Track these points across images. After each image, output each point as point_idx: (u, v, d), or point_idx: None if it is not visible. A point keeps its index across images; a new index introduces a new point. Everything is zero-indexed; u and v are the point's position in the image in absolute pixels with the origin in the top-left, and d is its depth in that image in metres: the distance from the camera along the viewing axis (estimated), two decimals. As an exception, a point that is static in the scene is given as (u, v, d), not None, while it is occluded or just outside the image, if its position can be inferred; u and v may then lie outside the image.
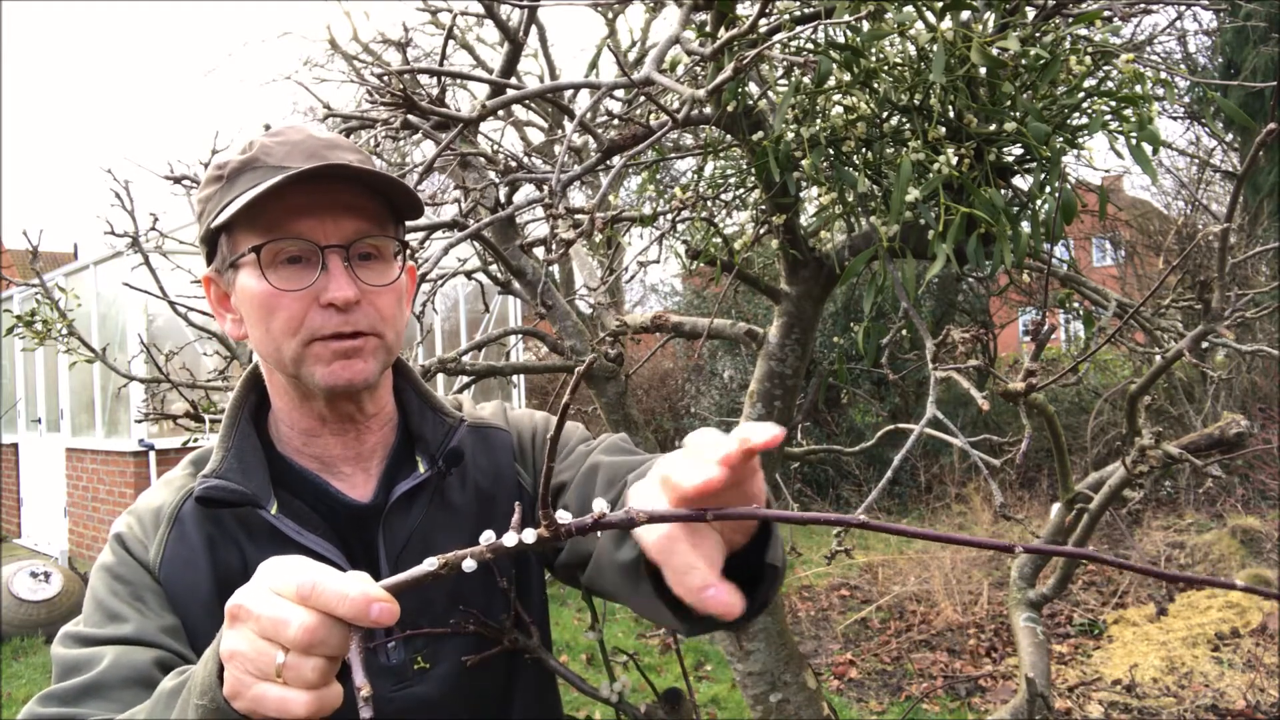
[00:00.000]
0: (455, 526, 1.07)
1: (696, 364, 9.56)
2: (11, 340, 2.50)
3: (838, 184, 1.59)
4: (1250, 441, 1.68)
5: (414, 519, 1.04)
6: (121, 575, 0.95)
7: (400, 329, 1.02)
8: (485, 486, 1.11)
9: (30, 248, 2.46)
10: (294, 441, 1.03)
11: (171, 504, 1.00)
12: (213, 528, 0.98)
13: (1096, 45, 1.50)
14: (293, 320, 0.94)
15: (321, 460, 1.03)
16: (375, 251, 0.98)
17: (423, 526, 1.04)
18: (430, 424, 1.09)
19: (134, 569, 0.96)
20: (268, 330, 0.95)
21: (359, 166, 0.93)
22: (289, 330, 0.94)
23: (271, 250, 0.93)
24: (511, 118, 8.56)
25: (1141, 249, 9.06)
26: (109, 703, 0.85)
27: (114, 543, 0.98)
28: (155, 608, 0.94)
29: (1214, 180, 9.54)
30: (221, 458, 0.98)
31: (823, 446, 2.81)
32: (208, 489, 0.95)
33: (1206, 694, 4.24)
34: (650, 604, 0.78)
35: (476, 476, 1.11)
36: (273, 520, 0.96)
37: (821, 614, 5.88)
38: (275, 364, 0.99)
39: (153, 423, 2.91)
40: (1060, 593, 2.34)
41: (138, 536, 0.98)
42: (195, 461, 1.04)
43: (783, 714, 2.13)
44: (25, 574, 6.34)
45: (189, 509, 0.99)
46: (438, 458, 1.06)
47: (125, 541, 0.98)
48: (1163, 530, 6.54)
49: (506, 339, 3.01)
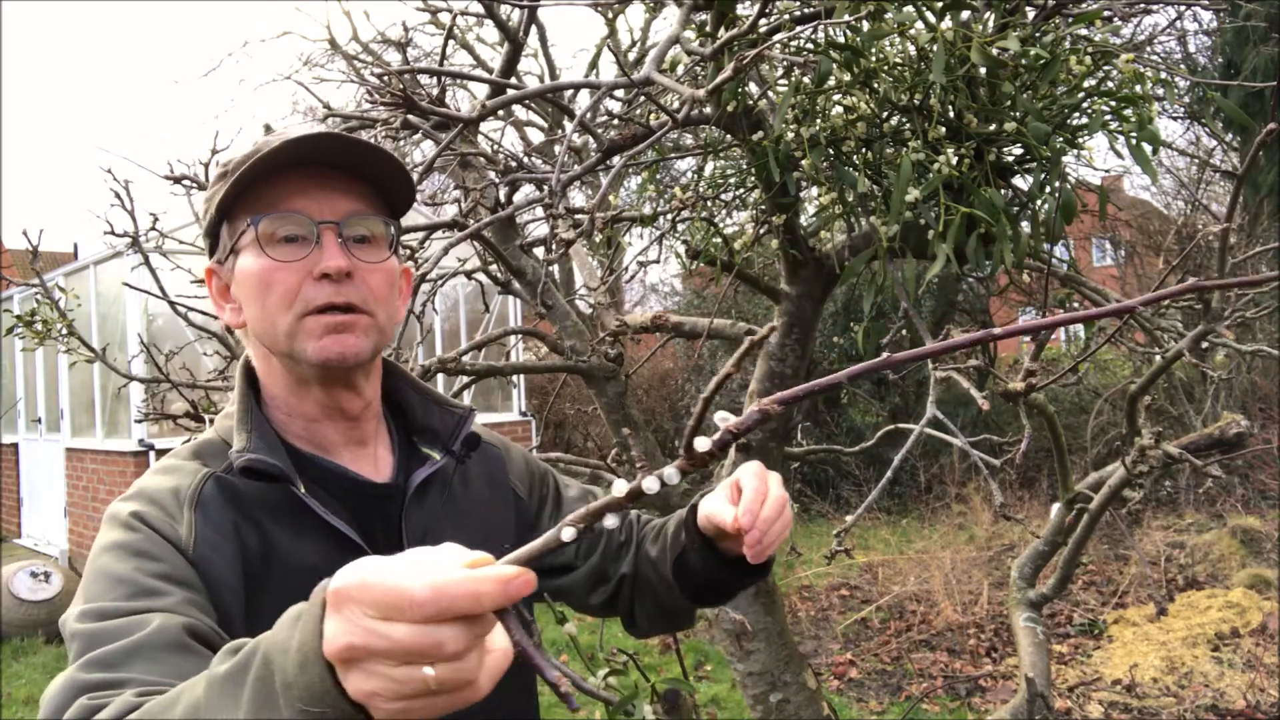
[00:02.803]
0: (467, 515, 1.11)
1: (696, 364, 9.55)
2: (11, 340, 2.51)
3: (838, 184, 1.59)
4: (1250, 441, 1.69)
5: (432, 505, 1.07)
6: (148, 552, 0.90)
7: (393, 314, 1.05)
8: (485, 487, 1.16)
9: (30, 248, 2.46)
10: (294, 428, 1.04)
11: (190, 487, 0.96)
12: (234, 511, 0.95)
13: (1096, 45, 1.50)
14: (288, 293, 0.97)
15: (322, 446, 1.04)
16: (369, 235, 1.01)
17: (441, 513, 1.07)
18: (437, 416, 1.12)
19: (163, 547, 0.90)
20: (264, 306, 0.98)
21: (348, 136, 0.97)
22: (284, 303, 0.97)
23: (269, 228, 0.97)
24: (511, 118, 8.56)
25: (1141, 249, 9.06)
26: (154, 665, 0.79)
27: (132, 521, 0.92)
28: (189, 587, 0.89)
29: (1214, 180, 9.55)
30: (247, 437, 0.97)
31: (823, 446, 2.82)
32: (251, 461, 0.94)
33: (1206, 694, 4.24)
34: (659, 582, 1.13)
35: (477, 477, 1.15)
36: (303, 498, 0.96)
37: (821, 614, 5.88)
38: (270, 344, 1.00)
39: (153, 423, 2.91)
40: (1060, 593, 2.34)
41: (160, 516, 0.93)
42: (199, 453, 1.01)
43: (783, 714, 2.13)
44: (25, 574, 6.34)
45: (210, 493, 0.96)
46: (452, 445, 1.10)
47: (148, 520, 0.92)
48: (1163, 530, 6.54)
49: (506, 339, 3.01)
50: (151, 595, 0.86)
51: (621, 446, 2.14)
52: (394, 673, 0.56)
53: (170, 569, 0.89)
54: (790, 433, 2.51)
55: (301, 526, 0.96)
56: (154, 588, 0.86)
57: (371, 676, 0.56)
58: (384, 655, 0.55)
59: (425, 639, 0.55)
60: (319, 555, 0.96)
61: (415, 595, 0.54)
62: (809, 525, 8.07)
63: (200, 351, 3.27)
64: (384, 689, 0.56)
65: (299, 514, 0.96)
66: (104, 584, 0.87)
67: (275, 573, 0.95)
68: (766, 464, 1.02)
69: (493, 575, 0.56)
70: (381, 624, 0.55)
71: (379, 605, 0.55)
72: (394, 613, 0.55)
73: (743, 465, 1.02)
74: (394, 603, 0.55)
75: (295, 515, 0.96)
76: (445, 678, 0.55)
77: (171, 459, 1.02)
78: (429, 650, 0.55)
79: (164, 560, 0.89)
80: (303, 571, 0.94)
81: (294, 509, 0.96)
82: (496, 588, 0.55)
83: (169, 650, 0.80)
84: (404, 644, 0.55)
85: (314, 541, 0.96)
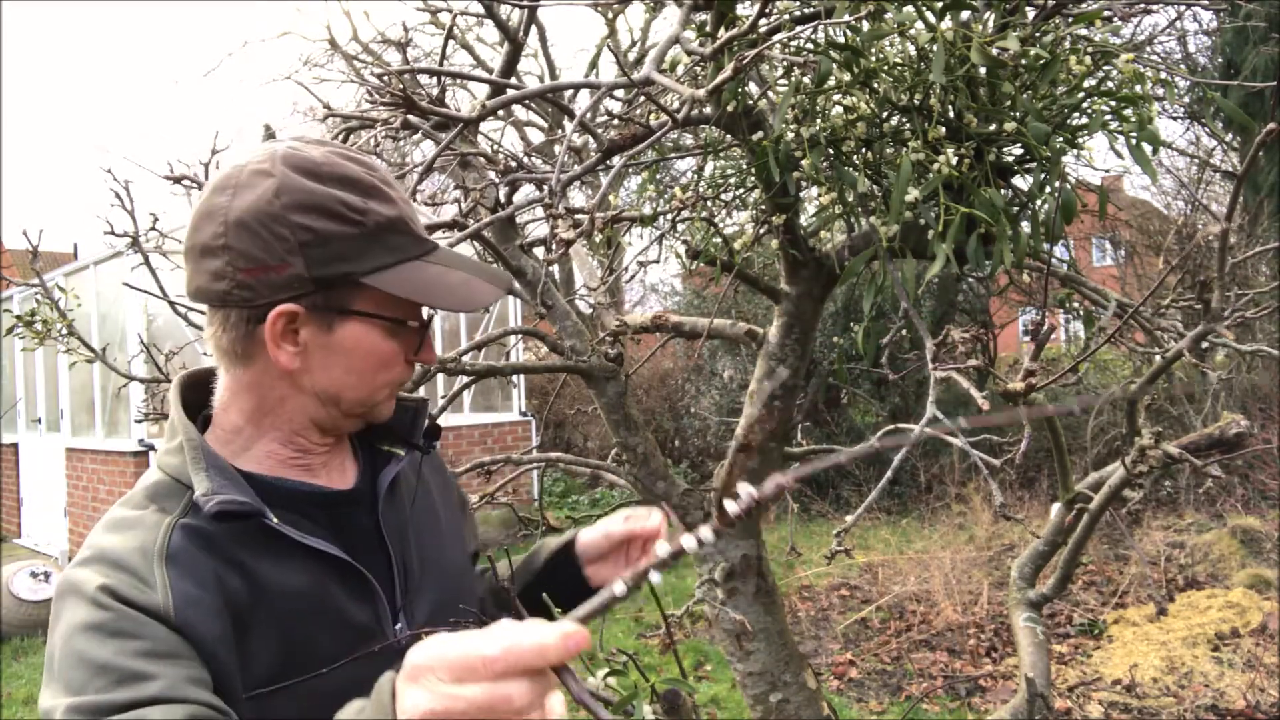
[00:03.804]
0: (435, 507, 1.15)
1: (696, 364, 9.56)
2: (11, 340, 2.51)
3: (838, 184, 1.59)
4: (1250, 441, 1.69)
5: (403, 501, 1.10)
6: (124, 630, 0.83)
7: None
8: (437, 474, 1.22)
9: (30, 248, 2.46)
10: (282, 455, 1.01)
11: (156, 542, 0.90)
12: (211, 558, 0.91)
13: (1096, 45, 1.50)
14: (398, 376, 1.04)
15: (309, 470, 1.04)
16: None
17: (414, 508, 1.11)
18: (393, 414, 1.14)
19: (139, 621, 0.84)
20: (372, 380, 1.02)
21: (490, 289, 1.11)
22: (390, 383, 1.03)
23: (406, 313, 1.02)
24: (511, 118, 8.55)
25: (1141, 249, 9.06)
26: None
27: (99, 595, 0.85)
28: (177, 659, 0.84)
29: (1214, 180, 9.55)
30: (208, 478, 0.93)
31: (823, 447, 2.81)
32: (222, 504, 0.90)
33: (1206, 694, 4.24)
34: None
35: (429, 466, 1.20)
36: (277, 527, 0.94)
37: (821, 614, 5.88)
38: (343, 405, 1.01)
39: (153, 423, 2.91)
40: (1060, 593, 2.34)
41: (130, 583, 0.86)
42: (153, 497, 0.95)
43: (783, 714, 2.13)
44: (25, 574, 6.35)
45: (179, 544, 0.90)
46: (414, 439, 1.13)
47: (117, 593, 0.85)
48: (1163, 530, 6.54)
49: (506, 339, 3.01)
50: (138, 680, 0.81)
51: (622, 446, 2.14)
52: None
53: (153, 645, 0.84)
54: (790, 433, 2.51)
55: (280, 554, 0.95)
56: (140, 671, 0.81)
57: None
58: (460, 716, 0.61)
59: (496, 693, 0.61)
60: (305, 577, 0.95)
61: (487, 654, 0.61)
62: (809, 525, 8.07)
63: (200, 352, 3.27)
64: None
65: (275, 542, 0.94)
66: (84, 672, 0.81)
67: (265, 606, 0.93)
68: (766, 464, 1.02)
69: (557, 631, 0.62)
70: (457, 687, 0.61)
71: (454, 669, 0.62)
72: (468, 674, 0.61)
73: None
74: (469, 665, 0.62)
75: (272, 544, 0.94)
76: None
77: (123, 509, 0.95)
78: (499, 704, 0.61)
79: (144, 637, 0.84)
80: (291, 597, 0.94)
81: (269, 538, 0.94)
82: (560, 642, 0.62)
83: None
84: (478, 701, 0.61)
85: (297, 565, 0.95)
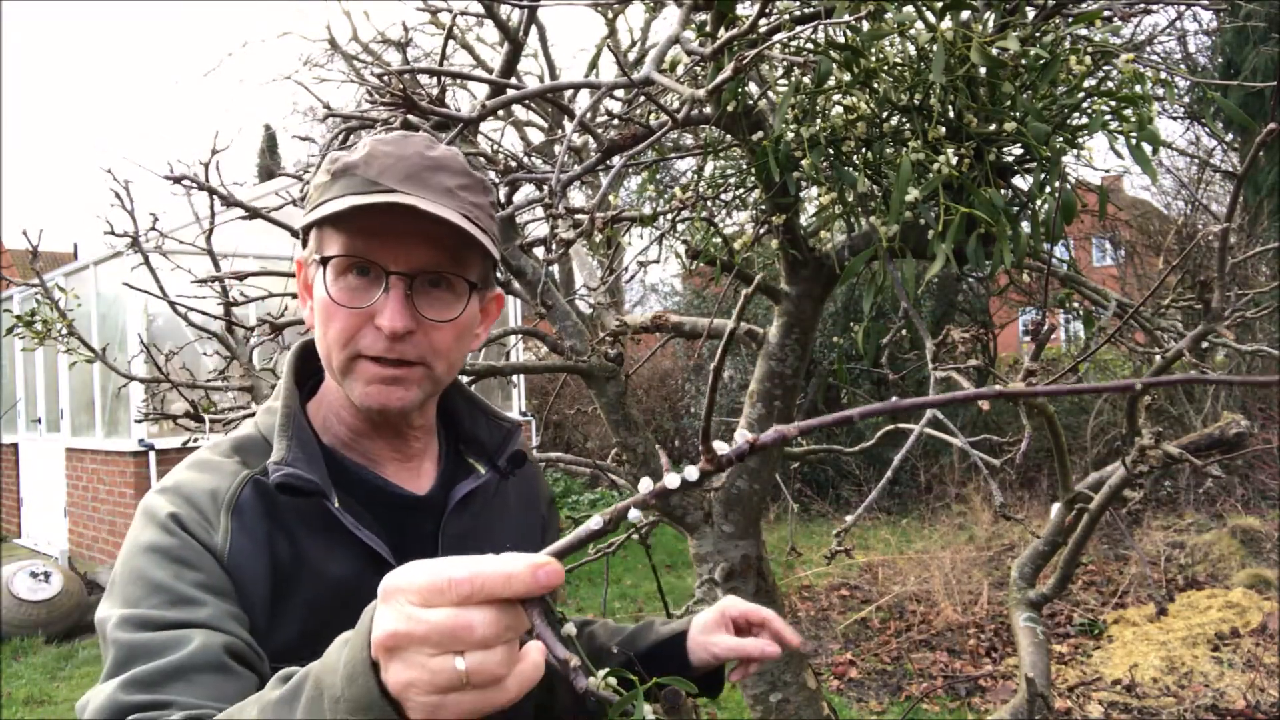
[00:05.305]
0: (502, 533, 1.10)
1: (696, 364, 9.56)
2: (11, 340, 2.51)
3: (838, 184, 1.59)
4: (1250, 441, 1.69)
5: (471, 518, 1.07)
6: (185, 559, 0.89)
7: (455, 361, 1.03)
8: (520, 506, 1.17)
9: (30, 248, 2.47)
10: (343, 435, 1.04)
11: (228, 491, 0.95)
12: (269, 520, 0.95)
13: (1096, 45, 1.50)
14: (345, 333, 0.96)
15: (368, 457, 1.04)
16: (445, 280, 0.98)
17: (479, 527, 1.07)
18: (484, 428, 1.12)
19: (199, 553, 0.90)
20: (324, 336, 0.98)
21: (425, 209, 0.92)
22: (340, 341, 0.97)
23: (342, 261, 0.96)
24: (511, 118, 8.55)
25: (1141, 249, 9.06)
26: (195, 687, 0.81)
27: (168, 522, 0.91)
28: (224, 596, 0.89)
29: (1214, 180, 9.54)
30: (287, 447, 0.96)
31: (823, 446, 2.81)
32: (286, 476, 0.93)
33: (1206, 694, 4.24)
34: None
35: (514, 494, 1.16)
36: (335, 513, 0.95)
37: (821, 614, 5.88)
38: (326, 367, 1.01)
39: (153, 423, 2.91)
40: (1060, 593, 2.34)
41: (198, 520, 0.92)
42: (240, 449, 1.00)
43: (783, 714, 2.13)
44: (25, 574, 6.34)
45: (247, 498, 0.95)
46: (497, 460, 1.10)
47: (184, 523, 0.91)
48: (1163, 530, 6.54)
49: (506, 339, 3.01)
50: (190, 605, 0.87)
51: (621, 446, 2.14)
52: (429, 663, 0.59)
53: (207, 578, 0.89)
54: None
55: (333, 539, 0.96)
56: (192, 597, 0.87)
57: (409, 666, 0.60)
58: (421, 641, 0.59)
59: (459, 619, 0.59)
60: (346, 568, 0.96)
61: (455, 576, 0.59)
62: (809, 525, 8.07)
63: (200, 351, 3.27)
64: (419, 679, 0.60)
65: (331, 526, 0.96)
66: (142, 588, 0.88)
67: (303, 583, 0.95)
68: (767, 463, 1.02)
69: (524, 560, 0.60)
70: (422, 610, 0.60)
71: (421, 591, 0.60)
72: (434, 597, 0.60)
73: (727, 599, 1.18)
74: (436, 587, 0.60)
75: (328, 527, 0.96)
76: (475, 669, 0.59)
77: (210, 453, 1.00)
78: (460, 631, 0.59)
79: (201, 569, 0.90)
80: (329, 583, 0.95)
81: (327, 521, 0.96)
82: (526, 571, 0.59)
83: (210, 672, 0.82)
84: (440, 625, 0.59)
85: (343, 554, 0.96)
